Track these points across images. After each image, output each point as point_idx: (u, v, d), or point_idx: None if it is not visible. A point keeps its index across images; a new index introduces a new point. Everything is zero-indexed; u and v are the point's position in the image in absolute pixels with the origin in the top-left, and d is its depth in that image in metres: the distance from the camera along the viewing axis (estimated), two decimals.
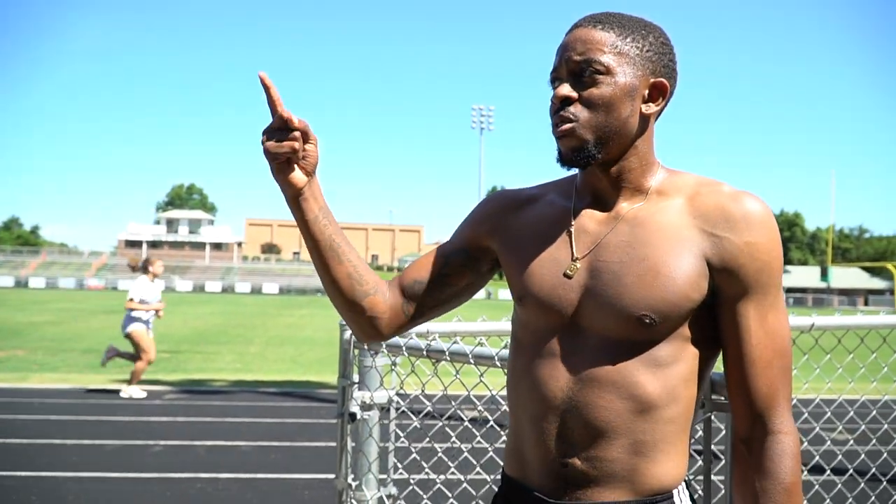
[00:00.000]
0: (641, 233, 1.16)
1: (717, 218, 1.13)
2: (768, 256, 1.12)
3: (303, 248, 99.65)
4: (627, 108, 1.16)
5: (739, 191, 1.16)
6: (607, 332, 1.14)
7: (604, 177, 1.21)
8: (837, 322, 2.51)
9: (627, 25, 1.18)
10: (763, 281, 1.12)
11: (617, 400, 1.12)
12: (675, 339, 1.14)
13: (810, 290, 78.65)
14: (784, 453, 1.11)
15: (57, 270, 76.87)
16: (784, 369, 1.13)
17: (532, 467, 1.19)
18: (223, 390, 9.60)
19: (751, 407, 1.13)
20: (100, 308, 30.30)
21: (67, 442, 6.31)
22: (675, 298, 1.11)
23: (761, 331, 1.12)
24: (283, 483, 5.20)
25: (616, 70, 1.15)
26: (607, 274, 1.15)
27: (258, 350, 14.93)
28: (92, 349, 14.10)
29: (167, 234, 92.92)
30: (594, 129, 1.15)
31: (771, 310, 1.13)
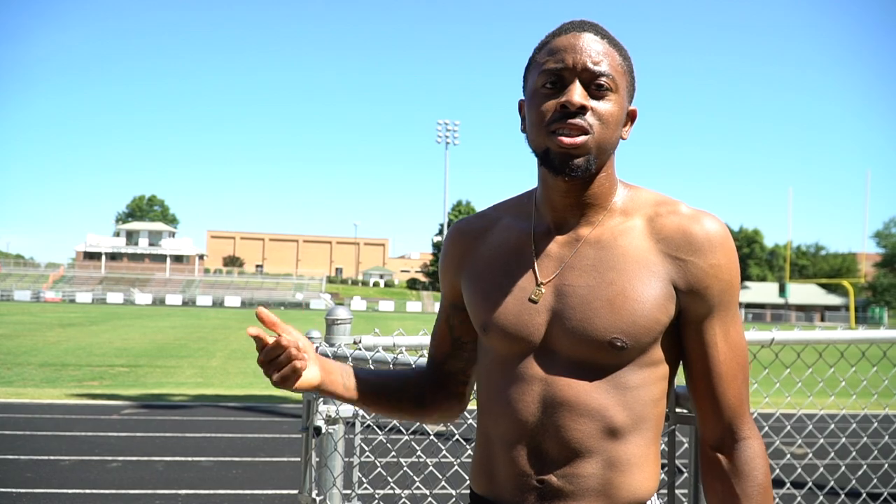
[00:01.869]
0: (606, 256, 1.16)
1: (679, 241, 1.15)
2: (730, 276, 1.16)
3: (265, 261, 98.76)
4: (619, 129, 1.18)
5: (697, 211, 1.18)
6: (576, 355, 1.14)
7: (574, 193, 1.19)
8: (797, 337, 2.55)
9: (620, 45, 1.19)
10: (726, 300, 1.16)
11: (589, 422, 1.13)
12: (643, 360, 1.15)
13: (769, 305, 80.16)
14: (756, 456, 1.16)
15: (12, 282, 74.93)
16: (746, 380, 1.17)
17: (504, 485, 1.19)
18: (183, 405, 9.43)
19: (720, 417, 1.17)
20: (56, 321, 29.59)
21: (21, 457, 6.13)
22: (645, 322, 1.12)
23: (726, 346, 1.16)
24: (243, 499, 5.12)
25: (619, 88, 1.16)
26: (574, 298, 1.15)
27: (219, 364, 14.72)
28: (48, 363, 13.77)
29: (127, 246, 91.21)
30: (598, 145, 1.14)
31: (732, 325, 1.17)
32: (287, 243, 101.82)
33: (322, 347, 2.17)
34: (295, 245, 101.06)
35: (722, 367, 1.16)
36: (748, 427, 1.17)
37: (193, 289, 76.79)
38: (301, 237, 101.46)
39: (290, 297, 70.90)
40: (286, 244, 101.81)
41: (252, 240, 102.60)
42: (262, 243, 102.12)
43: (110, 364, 14.04)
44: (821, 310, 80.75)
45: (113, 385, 11.07)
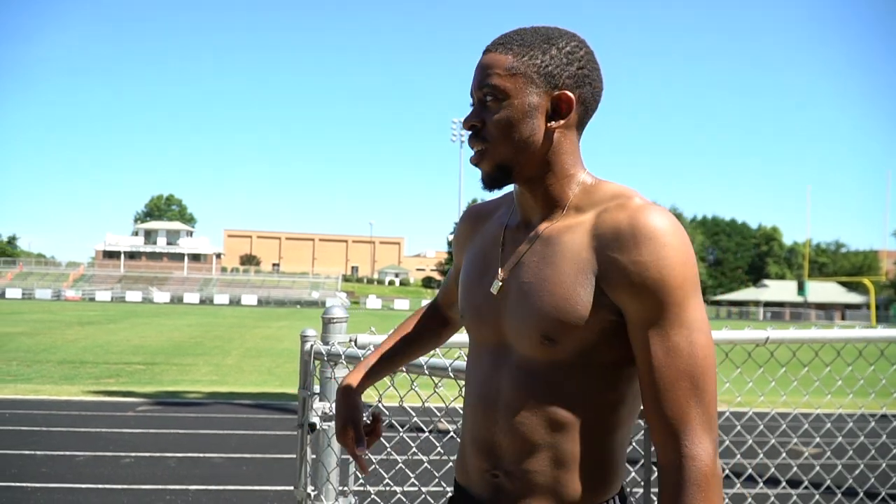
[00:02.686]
0: (548, 252, 1.16)
1: (609, 237, 1.10)
2: (659, 274, 1.06)
3: (282, 260, 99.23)
4: (528, 128, 1.16)
5: (643, 205, 1.11)
6: (522, 350, 1.17)
7: (527, 193, 1.22)
8: (792, 335, 2.57)
9: (528, 43, 1.17)
10: (659, 300, 1.06)
11: (536, 417, 1.14)
12: (591, 361, 1.13)
13: (787, 304, 79.42)
14: (688, 481, 1.03)
15: (34, 281, 75.90)
16: (694, 390, 1.05)
17: (472, 477, 1.24)
18: (197, 402, 9.54)
19: (658, 430, 1.07)
20: (76, 319, 29.96)
21: (38, 453, 6.25)
22: (570, 319, 1.10)
23: (662, 351, 1.06)
24: (251, 494, 5.19)
25: (512, 91, 1.15)
26: (518, 293, 1.18)
27: (234, 362, 14.85)
28: (66, 360, 13.96)
29: (145, 245, 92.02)
30: (500, 153, 1.17)
31: (674, 328, 1.06)
32: (303, 242, 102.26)
33: (317, 346, 2.22)
34: (311, 244, 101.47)
35: (656, 373, 1.06)
36: (691, 445, 1.04)
37: (211, 287, 77.37)
38: (317, 236, 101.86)
39: (306, 295, 71.24)
40: (302, 243, 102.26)
41: (268, 239, 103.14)
42: (278, 242, 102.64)
43: (127, 362, 14.21)
44: (841, 308, 79.87)
45: (129, 382, 11.21)
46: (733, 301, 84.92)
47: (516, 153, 1.17)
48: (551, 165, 1.19)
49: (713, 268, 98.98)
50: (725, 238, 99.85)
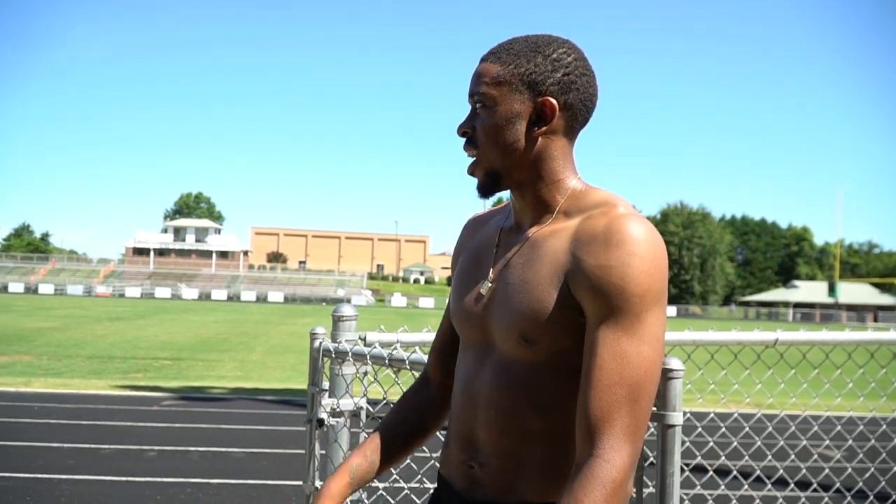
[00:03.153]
0: (532, 255, 1.18)
1: (584, 240, 1.11)
2: (622, 281, 1.06)
3: (308, 258, 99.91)
4: (513, 134, 1.18)
5: (624, 213, 1.12)
6: (504, 350, 1.20)
7: (519, 199, 1.25)
8: (802, 337, 2.56)
9: (516, 52, 1.20)
10: (616, 305, 1.06)
11: (511, 414, 1.18)
12: (560, 365, 1.15)
13: (818, 305, 78.25)
14: (594, 477, 1.02)
15: (66, 277, 77.28)
16: (628, 399, 1.04)
17: (452, 467, 1.29)
18: (222, 397, 9.68)
19: (582, 429, 1.06)
20: (105, 315, 30.48)
21: (65, 445, 6.40)
22: (545, 320, 1.13)
23: (608, 354, 1.06)
24: (271, 489, 5.28)
25: (497, 99, 1.19)
26: (502, 294, 1.21)
27: (259, 358, 15.03)
28: (95, 355, 14.23)
29: (174, 242, 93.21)
30: (488, 160, 1.21)
31: (626, 336, 1.06)
32: (329, 240, 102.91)
33: (325, 343, 2.27)
34: (337, 242, 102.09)
35: (596, 372, 1.06)
36: (608, 447, 1.03)
37: (238, 284, 78.18)
38: (343, 234, 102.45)
39: (332, 293, 71.72)
40: (328, 241, 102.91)
41: (295, 236, 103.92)
42: (304, 240, 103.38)
43: (154, 357, 14.45)
44: (874, 310, 78.50)
45: (156, 377, 11.41)
46: (762, 302, 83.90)
47: (503, 159, 1.20)
48: (539, 171, 1.21)
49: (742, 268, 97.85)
50: (755, 238, 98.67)
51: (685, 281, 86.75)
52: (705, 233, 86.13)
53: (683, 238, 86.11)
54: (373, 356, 2.08)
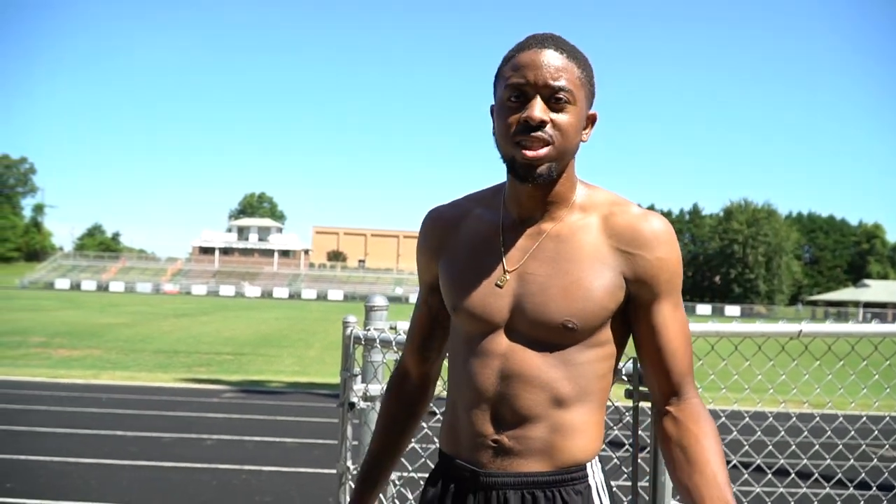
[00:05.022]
0: (564, 248, 1.29)
1: (629, 237, 1.29)
2: (675, 267, 1.31)
3: (368, 256, 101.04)
4: (579, 136, 1.29)
5: (645, 211, 1.32)
6: (533, 335, 1.29)
7: (538, 193, 1.30)
8: (827, 329, 2.57)
9: (579, 56, 1.29)
10: (671, 287, 1.31)
11: (539, 392, 1.29)
12: (592, 340, 1.30)
13: (890, 305, 75.19)
14: (702, 409, 1.32)
15: (135, 275, 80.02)
16: (690, 352, 1.35)
17: (464, 445, 1.36)
18: (279, 391, 10.00)
19: (669, 384, 1.32)
20: (172, 312, 31.54)
21: (128, 434, 6.76)
22: (594, 308, 1.27)
23: (674, 325, 1.32)
24: (320, 477, 5.48)
25: (579, 100, 1.26)
26: (534, 285, 1.29)
27: (317, 354, 15.38)
28: (161, 350, 14.82)
29: (238, 241, 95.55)
30: (559, 153, 1.26)
31: (677, 308, 1.33)
32: (388, 238, 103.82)
33: (356, 331, 2.40)
34: (396, 240, 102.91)
35: (672, 343, 1.31)
36: (694, 391, 1.33)
37: (299, 282, 79.65)
38: (402, 233, 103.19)
39: (390, 291, 72.40)
40: (387, 239, 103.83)
41: (355, 235, 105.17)
42: (364, 238, 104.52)
43: (217, 352, 14.95)
44: None
45: (218, 371, 11.83)
46: (831, 301, 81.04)
47: (567, 156, 1.29)
48: (569, 171, 1.33)
49: (809, 266, 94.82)
50: (822, 236, 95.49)
51: (750, 280, 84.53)
52: (771, 230, 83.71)
53: (748, 236, 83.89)
54: (398, 343, 2.20)
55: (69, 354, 13.43)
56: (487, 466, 1.32)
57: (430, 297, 1.51)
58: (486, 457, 1.32)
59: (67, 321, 22.56)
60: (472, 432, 1.34)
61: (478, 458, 1.33)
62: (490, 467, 1.32)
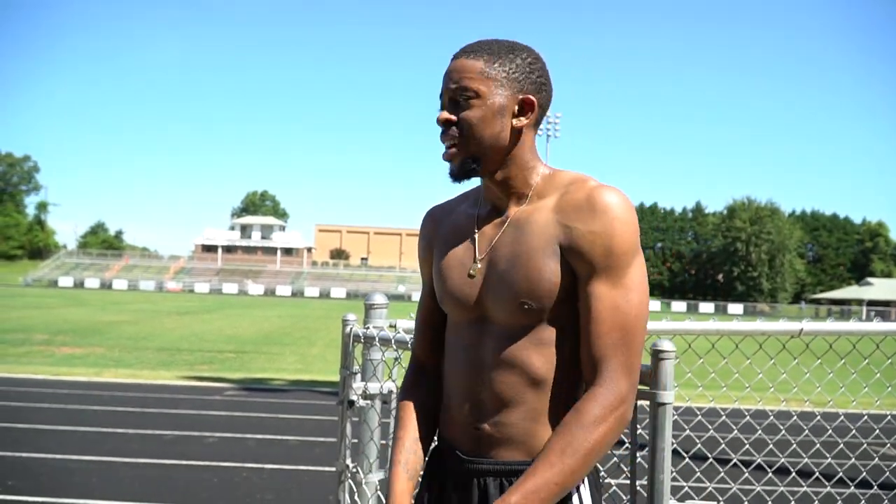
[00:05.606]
0: (520, 234, 1.34)
1: (570, 210, 1.29)
2: (610, 242, 1.25)
3: (370, 254, 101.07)
4: (498, 125, 1.33)
5: (600, 185, 1.30)
6: (502, 320, 1.34)
7: (493, 185, 1.39)
8: (828, 328, 2.57)
9: (495, 52, 1.34)
10: (606, 263, 1.25)
11: (514, 376, 1.32)
12: (557, 322, 1.31)
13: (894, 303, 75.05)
14: (593, 397, 1.23)
15: (138, 273, 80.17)
16: (622, 341, 1.25)
17: (455, 430, 1.42)
18: (281, 389, 10.00)
19: (587, 367, 1.27)
20: (174, 310, 31.58)
21: (129, 431, 6.77)
22: (546, 285, 1.29)
23: (602, 306, 1.25)
24: (321, 474, 5.48)
25: (486, 93, 1.32)
26: (497, 272, 1.35)
27: (319, 352, 15.40)
28: (164, 348, 14.83)
29: (241, 239, 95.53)
30: (471, 147, 1.34)
31: (615, 289, 1.26)
32: (391, 237, 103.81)
33: (355, 329, 2.40)
34: (398, 238, 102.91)
35: (594, 323, 1.25)
36: (606, 379, 1.23)
37: (302, 280, 79.72)
38: (404, 231, 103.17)
39: (393, 289, 72.45)
40: (390, 237, 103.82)
41: (357, 233, 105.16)
42: (366, 237, 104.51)
43: (220, 350, 14.96)
44: None
45: (220, 369, 11.84)
46: (834, 300, 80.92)
47: (485, 147, 1.34)
48: (515, 159, 1.37)
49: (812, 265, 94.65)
50: (826, 234, 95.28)
51: (753, 278, 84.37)
52: (774, 228, 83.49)
53: (751, 234, 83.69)
54: (397, 341, 2.20)
55: (72, 352, 13.45)
56: (471, 453, 1.38)
57: (433, 292, 1.56)
58: (471, 443, 1.38)
59: (70, 319, 22.60)
60: (458, 419, 1.41)
61: (464, 444, 1.40)
62: (474, 454, 1.38)
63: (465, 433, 1.38)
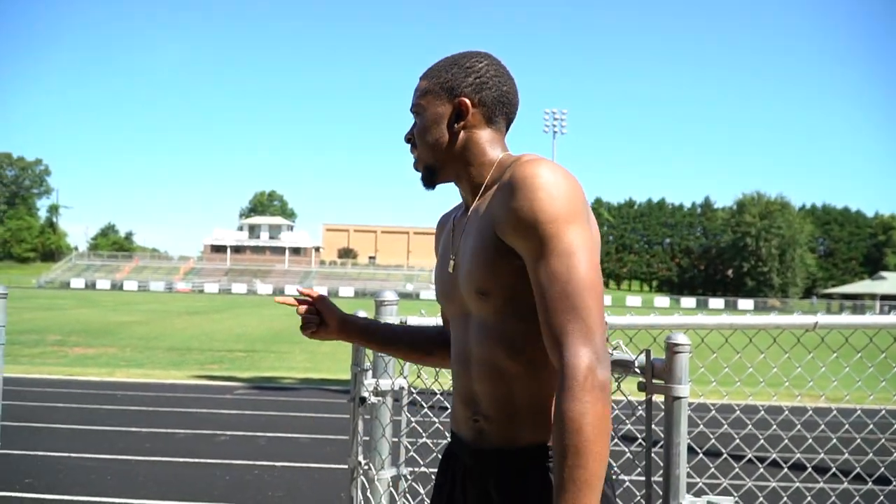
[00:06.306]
0: (472, 223, 1.38)
1: (499, 193, 1.30)
2: (533, 216, 1.21)
3: (378, 253, 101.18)
4: (437, 133, 1.41)
5: (529, 160, 1.27)
6: (475, 311, 1.37)
7: (459, 185, 1.47)
8: (843, 321, 2.54)
9: (438, 67, 1.44)
10: (534, 236, 1.21)
11: (493, 365, 1.34)
12: (520, 305, 1.29)
13: None
14: (562, 388, 1.15)
15: (148, 274, 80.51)
16: (573, 308, 1.17)
17: (460, 425, 1.45)
18: (291, 387, 10.02)
19: (549, 348, 1.20)
20: (184, 310, 31.70)
21: (142, 430, 6.79)
22: (489, 271, 1.30)
23: (543, 278, 1.20)
24: (333, 472, 5.48)
25: (424, 107, 1.43)
26: (461, 264, 1.40)
27: (329, 350, 15.40)
28: (174, 347, 14.89)
29: (249, 239, 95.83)
30: (424, 157, 1.45)
31: (552, 257, 1.20)
32: (398, 235, 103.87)
33: None
34: (406, 237, 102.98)
35: (542, 298, 1.20)
36: (569, 353, 1.16)
37: (310, 280, 79.87)
38: (412, 229, 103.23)
39: (401, 287, 72.51)
40: (397, 236, 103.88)
41: (365, 232, 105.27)
42: (374, 235, 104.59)
43: (230, 349, 15.01)
44: None
45: (231, 368, 11.87)
46: (846, 294, 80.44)
47: (434, 154, 1.43)
48: (469, 158, 1.41)
49: (824, 259, 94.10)
50: (837, 228, 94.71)
51: (763, 273, 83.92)
52: (784, 223, 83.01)
53: (761, 229, 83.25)
54: None
55: (85, 352, 13.52)
56: (472, 443, 1.41)
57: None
58: (472, 434, 1.41)
59: (83, 320, 22.73)
60: (461, 413, 1.45)
61: (465, 434, 1.43)
62: (474, 444, 1.40)
63: (468, 427, 1.41)
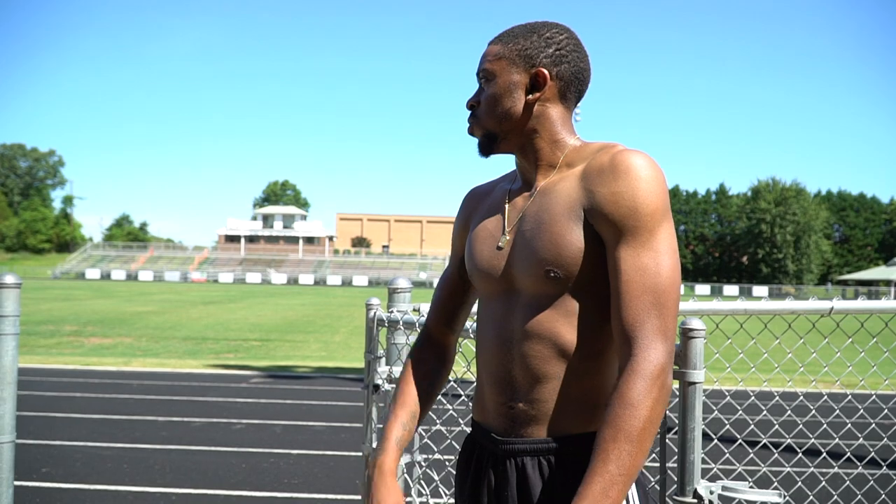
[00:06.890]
0: (546, 202, 1.33)
1: (593, 175, 1.27)
2: (633, 203, 1.21)
3: (392, 242, 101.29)
4: (509, 102, 1.36)
5: (624, 149, 1.28)
6: (529, 290, 1.32)
7: (521, 159, 1.42)
8: (858, 306, 2.52)
9: (514, 33, 1.38)
10: (631, 225, 1.21)
11: (545, 349, 1.29)
12: (585, 292, 1.28)
13: None
14: (633, 372, 1.15)
15: (163, 264, 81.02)
16: (654, 304, 1.19)
17: (489, 412, 1.39)
18: (306, 376, 10.08)
19: (620, 336, 1.20)
20: (199, 299, 31.90)
21: (159, 419, 6.86)
22: (569, 252, 1.26)
23: (631, 269, 1.20)
24: (347, 459, 5.52)
25: (497, 73, 1.37)
26: (523, 241, 1.34)
27: (342, 339, 15.48)
28: (190, 337, 15.00)
29: (263, 228, 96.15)
30: (487, 125, 1.39)
31: (644, 250, 1.21)
32: (412, 224, 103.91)
33: (379, 313, 2.40)
34: (419, 225, 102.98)
35: (623, 286, 1.20)
36: (643, 346, 1.17)
37: (324, 269, 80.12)
38: (425, 218, 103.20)
39: (415, 276, 72.56)
40: (411, 225, 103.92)
41: (379, 221, 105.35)
42: (388, 224, 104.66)
43: (244, 338, 15.10)
44: None
45: (246, 357, 11.95)
46: (861, 280, 79.74)
47: (501, 123, 1.38)
48: (539, 132, 1.37)
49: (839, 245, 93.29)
50: (853, 214, 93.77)
51: (778, 260, 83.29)
52: (799, 209, 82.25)
53: (776, 215, 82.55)
54: (421, 324, 2.20)
55: (101, 342, 13.65)
56: (506, 434, 1.35)
57: (461, 268, 1.58)
58: (506, 423, 1.35)
59: (98, 310, 22.92)
60: (493, 399, 1.38)
61: (498, 425, 1.37)
62: (508, 434, 1.35)
63: (500, 414, 1.36)
